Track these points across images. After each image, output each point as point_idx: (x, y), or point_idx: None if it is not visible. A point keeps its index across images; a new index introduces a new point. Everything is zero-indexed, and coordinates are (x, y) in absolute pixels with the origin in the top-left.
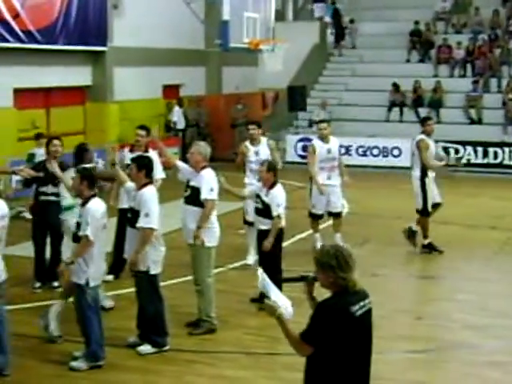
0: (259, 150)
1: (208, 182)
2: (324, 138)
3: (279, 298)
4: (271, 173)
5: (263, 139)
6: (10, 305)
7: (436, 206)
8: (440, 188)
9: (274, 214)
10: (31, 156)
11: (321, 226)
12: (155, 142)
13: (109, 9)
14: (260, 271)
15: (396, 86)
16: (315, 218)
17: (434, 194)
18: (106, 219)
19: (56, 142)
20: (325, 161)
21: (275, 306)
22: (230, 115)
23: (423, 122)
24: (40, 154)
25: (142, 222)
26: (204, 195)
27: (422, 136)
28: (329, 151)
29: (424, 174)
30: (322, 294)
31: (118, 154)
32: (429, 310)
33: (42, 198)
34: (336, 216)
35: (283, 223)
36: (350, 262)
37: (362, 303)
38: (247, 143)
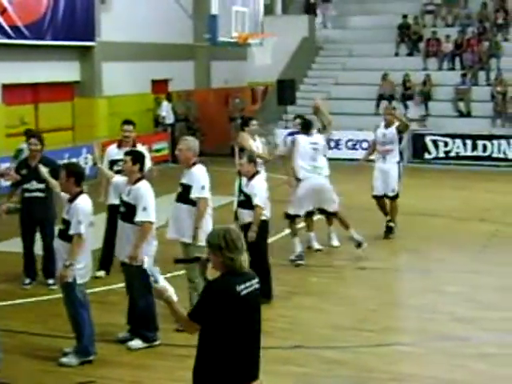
0: (258, 146)
1: (199, 179)
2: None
3: (167, 284)
4: (251, 164)
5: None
6: None
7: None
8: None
9: (254, 203)
10: (19, 152)
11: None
12: None
13: (96, 3)
14: (146, 259)
15: (385, 77)
16: (308, 216)
17: (375, 185)
18: (93, 216)
19: (33, 140)
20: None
21: (164, 289)
22: (228, 109)
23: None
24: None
25: (140, 216)
26: (195, 194)
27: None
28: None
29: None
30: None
31: (97, 150)
32: (417, 302)
33: (27, 194)
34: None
35: (268, 214)
36: (237, 243)
37: (248, 283)
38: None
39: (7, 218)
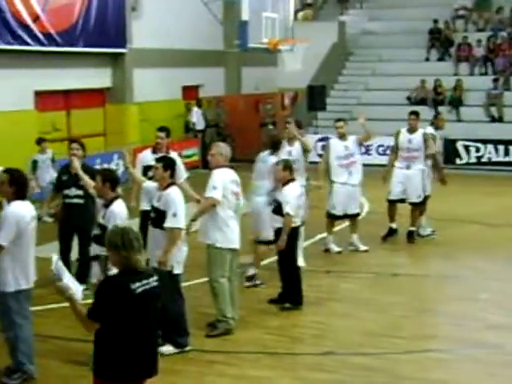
0: (292, 151)
1: (213, 179)
2: (341, 137)
3: (72, 283)
4: (287, 171)
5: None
6: (32, 306)
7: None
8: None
9: (285, 211)
10: (34, 163)
11: (337, 228)
12: None
13: (127, 11)
14: (55, 257)
15: (423, 83)
16: (333, 219)
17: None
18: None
19: (74, 145)
20: (343, 158)
21: (67, 287)
22: (260, 115)
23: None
24: (42, 160)
25: (170, 223)
26: (206, 194)
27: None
28: (346, 148)
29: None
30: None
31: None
32: (451, 309)
33: (67, 200)
34: (353, 217)
35: (297, 221)
36: (133, 242)
37: (144, 281)
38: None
39: (41, 223)
